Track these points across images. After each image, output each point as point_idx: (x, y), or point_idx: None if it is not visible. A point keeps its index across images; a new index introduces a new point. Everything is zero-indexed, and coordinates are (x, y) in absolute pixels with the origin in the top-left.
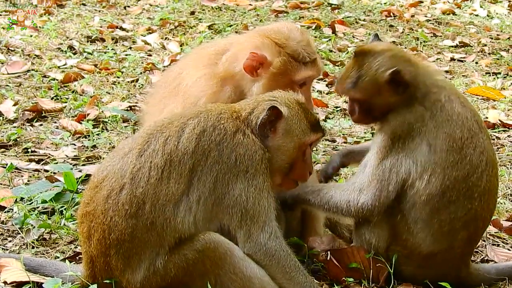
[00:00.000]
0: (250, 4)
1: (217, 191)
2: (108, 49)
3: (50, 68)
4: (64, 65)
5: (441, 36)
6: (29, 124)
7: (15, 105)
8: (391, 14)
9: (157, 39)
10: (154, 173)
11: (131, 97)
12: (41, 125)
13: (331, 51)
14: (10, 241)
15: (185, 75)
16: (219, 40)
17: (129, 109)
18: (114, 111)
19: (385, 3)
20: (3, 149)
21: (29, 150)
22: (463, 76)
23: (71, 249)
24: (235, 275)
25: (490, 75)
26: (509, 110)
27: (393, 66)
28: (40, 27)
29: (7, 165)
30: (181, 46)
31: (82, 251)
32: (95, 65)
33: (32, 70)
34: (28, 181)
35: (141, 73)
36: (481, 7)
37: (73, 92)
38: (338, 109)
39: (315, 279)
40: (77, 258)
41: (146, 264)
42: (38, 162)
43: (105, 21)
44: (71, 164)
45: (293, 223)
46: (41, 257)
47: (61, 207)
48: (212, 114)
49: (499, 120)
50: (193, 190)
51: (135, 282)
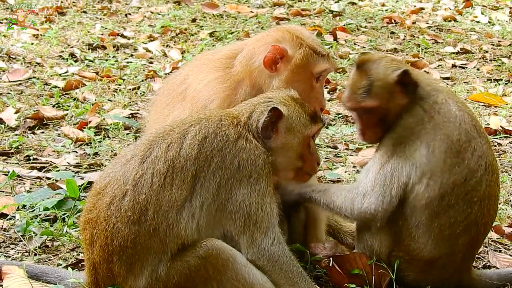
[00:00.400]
0: (252, 12)
1: (220, 197)
2: (110, 56)
3: (51, 75)
4: (66, 72)
5: (442, 42)
6: (30, 132)
7: (16, 112)
8: (393, 21)
9: (158, 46)
10: (156, 179)
11: (133, 104)
12: (42, 132)
13: (332, 58)
14: (13, 249)
15: (192, 80)
16: (223, 48)
17: (130, 116)
18: (115, 119)
19: (386, 10)
20: (5, 157)
21: (31, 157)
22: (464, 82)
23: (73, 256)
24: (237, 281)
25: (491, 82)
26: (510, 116)
27: (398, 68)
28: (41, 34)
29: (9, 172)
30: (182, 53)
31: (85, 258)
32: (97, 73)
33: (34, 77)
34: (30, 188)
35: (142, 80)
36: (482, 13)
37: (74, 99)
38: (340, 116)
39: (317, 285)
40: (79, 265)
41: (149, 271)
42: (40, 169)
43: (106, 28)
44: (73, 171)
45: (298, 226)
46: (43, 264)
47: (63, 214)
48: (213, 121)
49: (500, 127)
50: (196, 196)
51: None
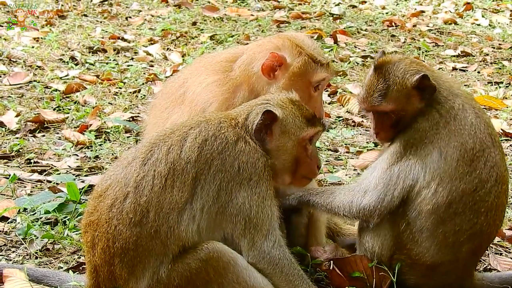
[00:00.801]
0: (252, 15)
1: (220, 199)
2: (110, 60)
3: (52, 79)
4: (66, 76)
5: (443, 45)
6: (31, 135)
7: (17, 116)
8: (393, 24)
9: (159, 49)
10: (157, 181)
11: (133, 107)
12: (43, 136)
13: (333, 61)
14: (14, 252)
15: (191, 83)
16: (224, 51)
17: (131, 119)
18: (116, 122)
19: (386, 13)
20: (6, 160)
21: (32, 161)
22: (465, 85)
23: (74, 259)
24: (238, 284)
25: (492, 85)
26: (511, 119)
27: (417, 71)
28: (42, 38)
29: (10, 176)
30: (183, 56)
31: (86, 261)
32: (97, 76)
33: (34, 81)
34: (31, 191)
35: (143, 83)
36: (483, 16)
37: (75, 103)
38: (341, 119)
39: None
40: (80, 268)
41: (150, 273)
42: (41, 173)
43: (106, 32)
44: (73, 174)
45: (301, 228)
46: (44, 267)
47: (64, 217)
48: (213, 123)
49: (501, 130)
50: (196, 198)
51: None
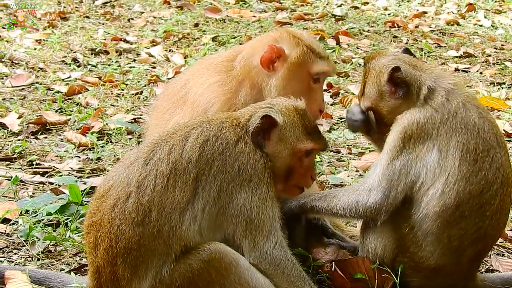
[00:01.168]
0: (254, 16)
1: (221, 200)
2: (112, 61)
3: (54, 81)
4: (68, 77)
5: (445, 46)
6: (33, 137)
7: (19, 118)
8: (395, 25)
9: (161, 51)
10: (159, 181)
11: (136, 109)
12: (45, 137)
13: (335, 62)
14: (16, 254)
15: (192, 84)
16: (224, 51)
17: (133, 121)
18: (118, 124)
19: (389, 14)
20: (8, 162)
21: (34, 162)
22: (467, 86)
23: (76, 261)
24: (240, 285)
25: (494, 85)
26: None
27: (393, 65)
28: (44, 40)
29: (12, 177)
30: (185, 58)
31: (88, 262)
32: (99, 78)
33: (36, 83)
34: (33, 193)
35: (145, 85)
36: (485, 17)
37: (77, 104)
38: (343, 120)
39: None
40: (82, 270)
41: (153, 273)
42: (42, 174)
43: (109, 33)
44: (75, 176)
45: (302, 229)
46: (46, 269)
47: (66, 219)
48: (214, 124)
49: (503, 130)
50: (198, 199)
51: None
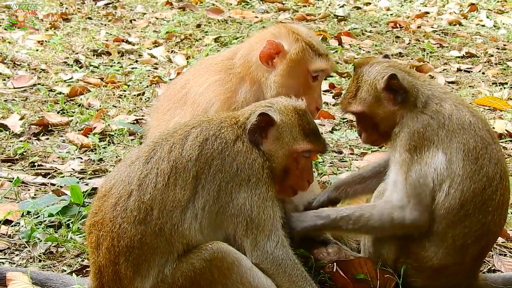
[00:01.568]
0: (256, 17)
1: (220, 199)
2: (114, 62)
3: (56, 82)
4: (70, 79)
5: (447, 46)
6: (35, 138)
7: (21, 119)
8: (397, 25)
9: (163, 52)
10: (160, 179)
11: (138, 110)
12: (47, 139)
13: (337, 62)
14: (17, 255)
15: (192, 84)
16: (224, 51)
17: (135, 122)
18: (120, 125)
19: (391, 14)
20: (9, 163)
21: (36, 164)
22: (469, 86)
23: (78, 262)
24: (242, 285)
25: (496, 85)
26: None
27: (390, 72)
28: (46, 41)
29: (13, 179)
30: (187, 59)
31: (90, 262)
32: (101, 79)
33: (38, 84)
34: (35, 195)
35: (147, 86)
36: (487, 17)
37: (79, 105)
38: (345, 120)
39: None
40: (84, 271)
41: (155, 272)
42: (44, 176)
43: (111, 34)
44: (77, 177)
45: None
46: (48, 270)
47: (68, 220)
48: (214, 123)
49: (505, 130)
50: (198, 197)
51: None
